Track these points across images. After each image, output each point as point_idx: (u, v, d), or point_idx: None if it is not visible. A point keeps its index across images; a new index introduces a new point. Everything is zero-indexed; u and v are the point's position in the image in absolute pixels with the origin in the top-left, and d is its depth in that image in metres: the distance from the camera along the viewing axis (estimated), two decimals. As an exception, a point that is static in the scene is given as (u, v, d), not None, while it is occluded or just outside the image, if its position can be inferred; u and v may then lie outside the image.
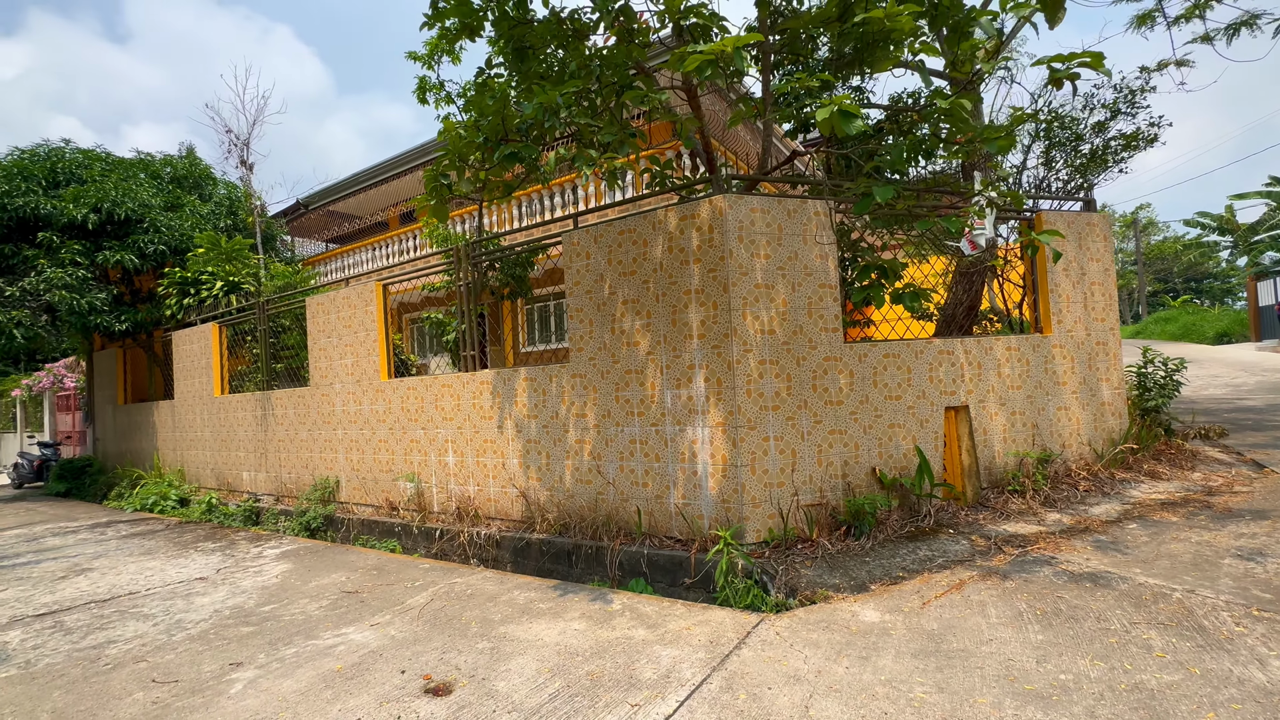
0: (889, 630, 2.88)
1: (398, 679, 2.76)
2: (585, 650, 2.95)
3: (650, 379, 4.65)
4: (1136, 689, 2.22)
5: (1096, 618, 2.80)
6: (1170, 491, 4.73)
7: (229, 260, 8.69)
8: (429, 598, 3.90)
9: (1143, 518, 4.23)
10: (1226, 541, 3.63)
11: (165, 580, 4.65)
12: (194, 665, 3.05)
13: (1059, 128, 6.26)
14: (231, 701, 2.65)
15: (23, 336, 9.25)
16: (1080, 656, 2.48)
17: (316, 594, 4.11)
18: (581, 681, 2.63)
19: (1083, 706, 2.14)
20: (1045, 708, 2.16)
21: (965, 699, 2.26)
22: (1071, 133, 6.24)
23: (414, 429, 6.19)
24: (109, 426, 11.54)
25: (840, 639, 2.84)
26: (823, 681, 2.46)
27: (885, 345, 4.79)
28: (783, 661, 2.67)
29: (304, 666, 2.95)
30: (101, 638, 3.50)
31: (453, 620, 3.47)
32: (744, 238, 4.35)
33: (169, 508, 8.34)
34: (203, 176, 11.79)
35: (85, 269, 9.46)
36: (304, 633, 3.40)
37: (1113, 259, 5.83)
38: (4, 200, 9.31)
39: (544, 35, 3.73)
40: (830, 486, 4.49)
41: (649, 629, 3.18)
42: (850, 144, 4.95)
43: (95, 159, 10.57)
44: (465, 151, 3.72)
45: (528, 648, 3.02)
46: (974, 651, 2.60)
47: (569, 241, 5.08)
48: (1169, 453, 5.61)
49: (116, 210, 9.54)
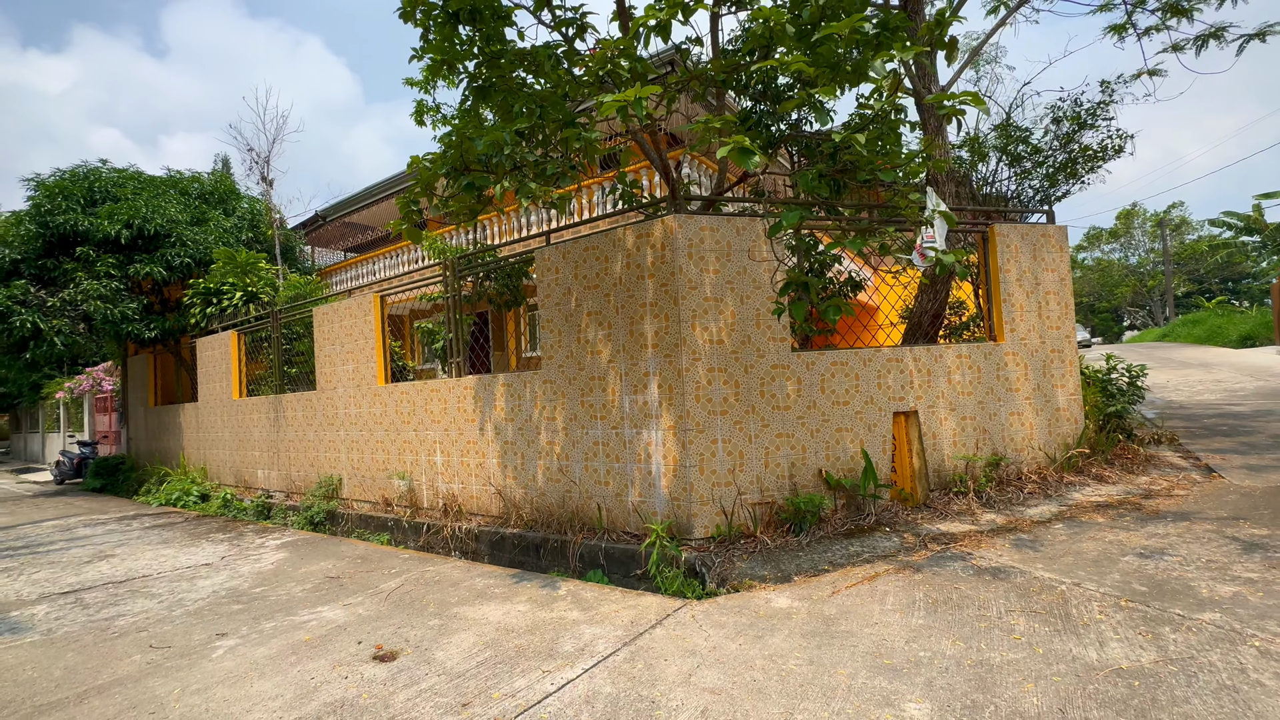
0: (791, 614, 3.19)
1: (354, 648, 3.17)
2: (521, 628, 3.32)
3: (611, 385, 5.01)
4: (980, 664, 2.51)
5: (979, 606, 3.07)
6: (1110, 494, 4.92)
7: (244, 273, 9.31)
8: (400, 583, 4.32)
9: (1072, 519, 4.44)
10: (1137, 541, 3.84)
11: (175, 566, 5.17)
12: (186, 635, 3.52)
13: (1019, 143, 6.45)
14: (211, 663, 3.10)
15: (62, 343, 10.03)
16: (946, 638, 2.76)
17: (303, 579, 4.57)
18: (508, 652, 3.01)
19: (925, 678, 2.44)
20: (892, 678, 2.46)
21: (828, 670, 2.56)
22: (1030, 146, 6.42)
23: (407, 431, 6.65)
24: (140, 427, 12.33)
25: (745, 621, 3.16)
26: (714, 655, 2.79)
27: (834, 354, 5.08)
28: (687, 639, 3.00)
29: (278, 637, 3.39)
30: (113, 612, 4.00)
31: (415, 602, 3.88)
32: (693, 254, 4.69)
33: (190, 503, 8.98)
34: (228, 192, 12.55)
35: (118, 281, 10.22)
36: (284, 610, 3.85)
37: (1069, 269, 6.01)
38: (46, 218, 10.13)
39: (506, 72, 4.13)
40: (777, 486, 4.79)
41: (583, 611, 3.54)
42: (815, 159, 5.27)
43: (128, 178, 11.37)
44: (431, 181, 4.14)
45: (472, 625, 3.41)
46: (856, 633, 2.90)
47: (541, 257, 5.48)
48: (1124, 457, 5.76)
49: (146, 226, 10.28)
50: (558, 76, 3.66)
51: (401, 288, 7.29)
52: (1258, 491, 4.68)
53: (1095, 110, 6.49)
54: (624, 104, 2.83)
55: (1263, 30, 6.83)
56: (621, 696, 2.49)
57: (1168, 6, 6.70)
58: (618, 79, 3.38)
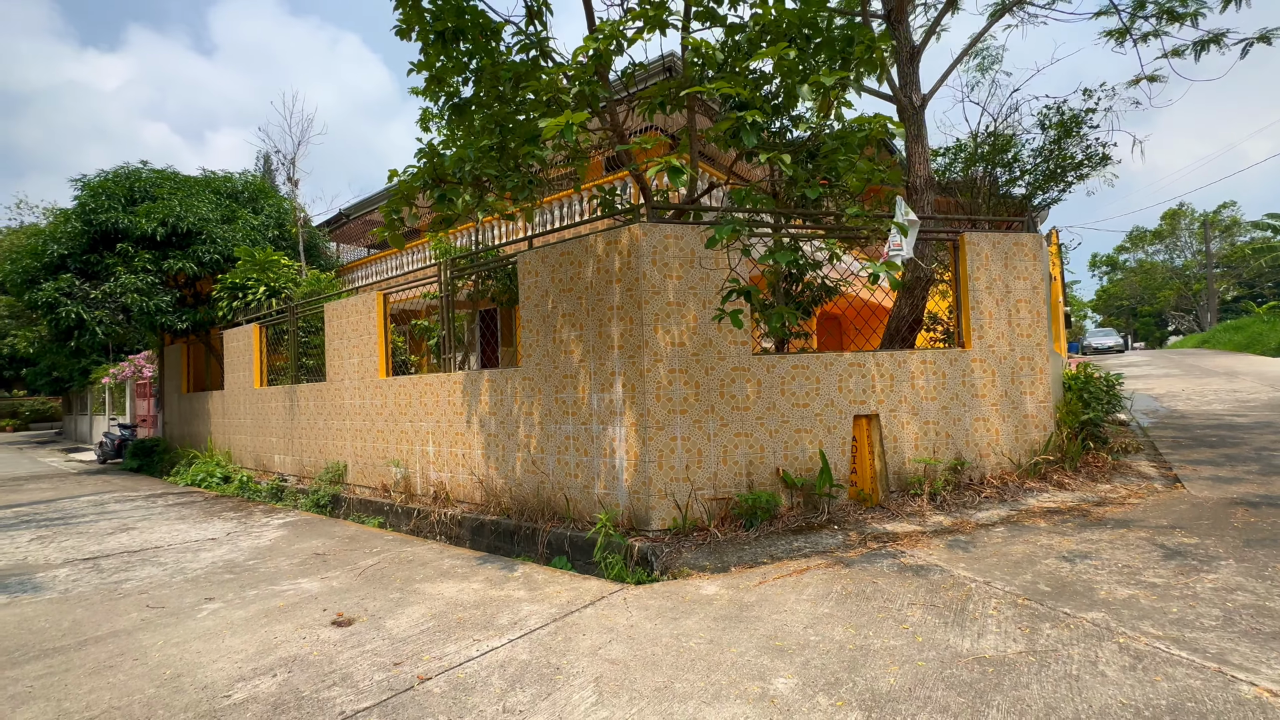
0: (713, 600, 3.45)
1: (318, 614, 3.55)
2: (469, 603, 3.66)
3: (582, 384, 5.31)
4: (859, 649, 2.73)
5: (886, 599, 3.28)
6: (1064, 501, 5.01)
7: (263, 269, 9.90)
8: (377, 561, 4.71)
9: (1016, 523, 4.57)
10: (1067, 545, 3.96)
11: (185, 539, 5.67)
12: (179, 598, 3.95)
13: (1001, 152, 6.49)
14: (195, 622, 3.51)
15: (103, 333, 10.81)
16: (841, 626, 2.98)
17: (293, 555, 5.00)
18: (450, 623, 3.34)
19: (804, 658, 2.67)
20: (775, 657, 2.70)
21: (722, 648, 2.82)
22: (1010, 155, 6.47)
23: (404, 422, 7.08)
24: (174, 412, 13.15)
25: (669, 605, 3.43)
26: (628, 632, 3.07)
27: (795, 357, 5.27)
28: (610, 618, 3.29)
29: (257, 603, 3.79)
30: (122, 577, 4.49)
31: (384, 578, 4.25)
32: (657, 261, 4.94)
33: (213, 483, 9.63)
34: (257, 191, 13.25)
35: (154, 275, 10.96)
36: (269, 581, 4.27)
37: (1042, 278, 6.05)
38: (91, 216, 10.91)
39: (485, 89, 4.45)
40: (734, 483, 5.03)
41: (529, 591, 3.86)
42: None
43: (166, 178, 12.12)
44: (410, 193, 4.50)
45: (427, 599, 3.75)
46: (764, 618, 3.14)
47: (523, 260, 5.80)
48: (1093, 465, 5.81)
49: (180, 224, 10.98)
50: (519, 96, 3.96)
51: (402, 286, 7.72)
52: (1210, 502, 4.72)
53: (1079, 119, 6.49)
54: (561, 125, 3.11)
55: (1266, 34, 6.73)
56: (532, 663, 2.79)
57: (1164, 12, 6.65)
58: (562, 103, 3.65)
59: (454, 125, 4.59)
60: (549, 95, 3.58)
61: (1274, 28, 6.66)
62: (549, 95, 3.58)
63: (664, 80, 3.66)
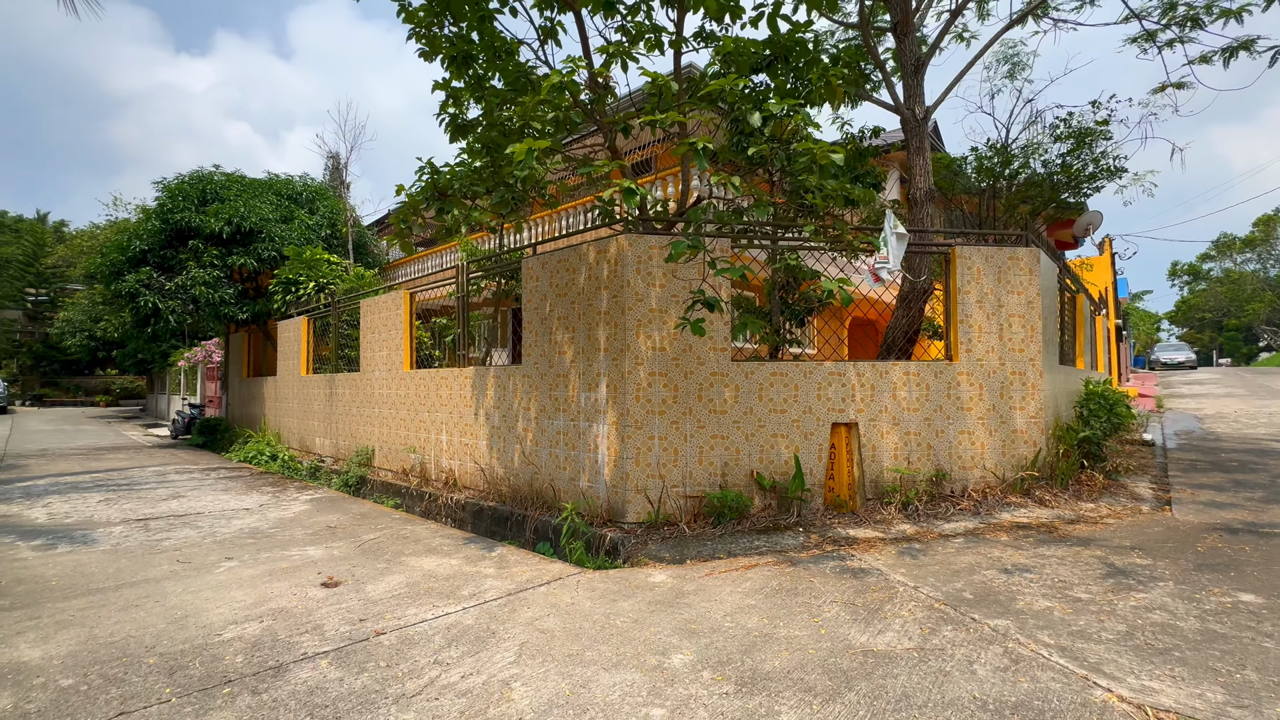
0: (656, 587, 3.75)
1: (313, 576, 4.06)
2: (443, 575, 4.09)
3: (572, 383, 5.69)
4: (763, 635, 2.98)
5: (813, 595, 3.49)
6: (1038, 517, 5.02)
7: (309, 268, 10.76)
8: (377, 536, 5.24)
9: (979, 535, 4.65)
10: (1015, 559, 4.04)
11: (224, 508, 6.40)
12: (205, 556, 4.57)
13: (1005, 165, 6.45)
14: (212, 576, 4.09)
15: (175, 321, 12.00)
16: (758, 616, 3.23)
17: (310, 526, 5.60)
18: (419, 591, 3.77)
19: (709, 640, 2.95)
20: (684, 637, 2.99)
21: (643, 628, 3.12)
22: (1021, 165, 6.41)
23: (422, 412, 7.65)
24: (235, 394, 14.38)
25: (615, 588, 3.75)
26: (567, 609, 3.42)
27: (774, 365, 5.48)
28: (557, 596, 3.64)
29: (266, 564, 4.35)
30: (163, 536, 5.17)
31: (378, 550, 4.75)
32: (641, 270, 5.25)
33: (261, 461, 10.56)
34: (315, 193, 14.30)
35: (220, 270, 12.06)
36: (282, 546, 4.84)
37: (1039, 293, 6.00)
38: (168, 215, 12.12)
39: (489, 108, 4.89)
40: (709, 483, 5.29)
41: (498, 569, 4.26)
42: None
43: (233, 181, 13.28)
44: (417, 206, 4.98)
45: (407, 570, 4.21)
46: (692, 605, 3.43)
47: (526, 265, 6.22)
48: (1084, 484, 5.73)
49: (244, 223, 12.05)
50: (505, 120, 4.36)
51: (426, 286, 8.31)
52: (1188, 526, 4.65)
53: (1091, 131, 6.38)
54: (523, 153, 3.49)
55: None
56: (474, 627, 3.18)
57: (1189, 19, 6.44)
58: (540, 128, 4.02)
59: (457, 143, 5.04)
60: (521, 124, 3.96)
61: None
62: (521, 124, 3.96)
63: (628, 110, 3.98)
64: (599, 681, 2.58)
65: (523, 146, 3.42)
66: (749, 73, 5.28)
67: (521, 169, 3.58)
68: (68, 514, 6.14)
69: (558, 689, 2.52)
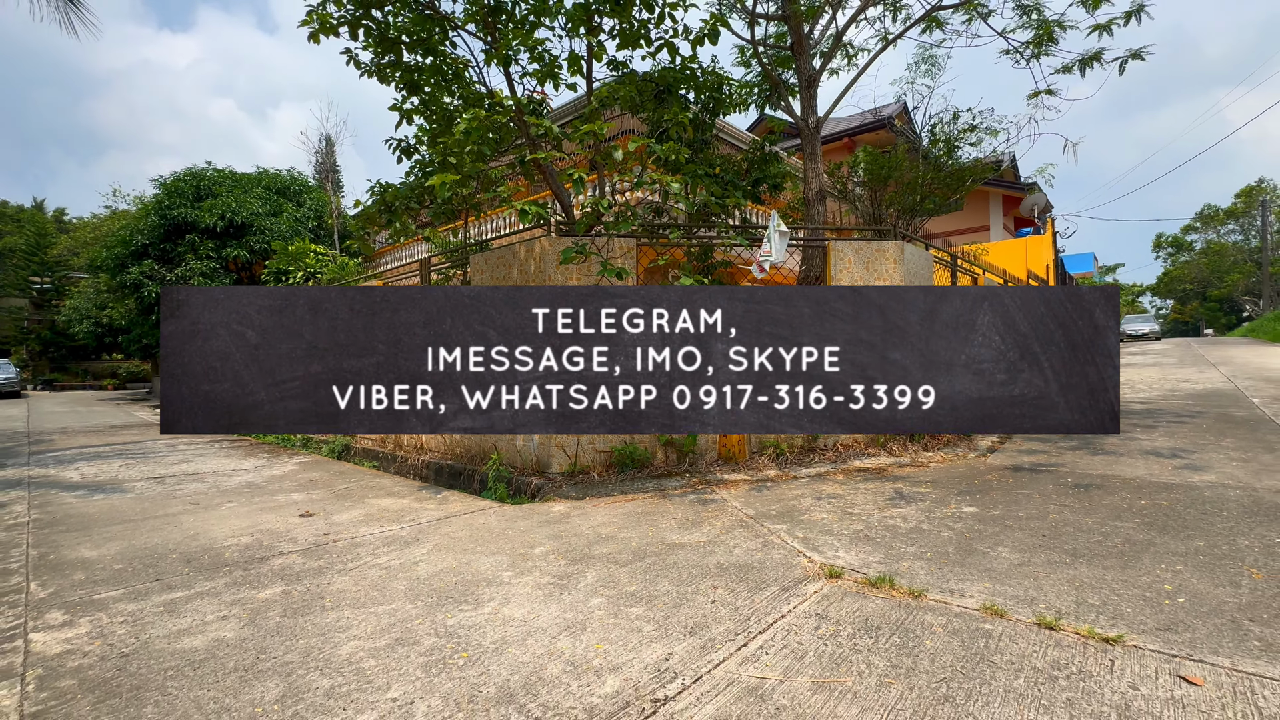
0: (551, 513, 4.96)
1: (293, 511, 5.29)
2: (393, 510, 5.31)
3: (509, 360, 6.84)
4: (606, 537, 4.18)
5: (662, 515, 4.70)
6: (881, 463, 6.21)
7: (295, 260, 11.88)
8: (350, 486, 6.47)
9: (823, 477, 5.84)
10: (831, 490, 5.24)
11: (226, 469, 7.63)
12: (211, 500, 5.80)
13: (885, 167, 7.52)
14: (214, 512, 5.32)
15: (177, 309, 13.13)
16: (613, 527, 4.43)
17: (296, 480, 6.83)
18: (373, 518, 4.99)
19: (566, 541, 4.15)
20: (550, 540, 4.19)
21: (526, 535, 4.33)
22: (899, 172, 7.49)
23: (394, 387, 8.83)
24: (235, 375, 15.59)
25: (520, 514, 4.96)
26: (478, 526, 4.63)
27: (673, 343, 6.63)
28: (475, 520, 4.86)
29: (258, 505, 5.58)
30: (176, 487, 6.41)
31: (348, 495, 5.98)
32: (560, 265, 6.38)
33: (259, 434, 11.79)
34: (302, 186, 15.32)
35: (215, 261, 13.17)
36: (271, 494, 6.07)
37: (902, 278, 7.11)
38: (165, 211, 13.19)
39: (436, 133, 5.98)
40: (621, 440, 6.48)
41: (439, 505, 5.48)
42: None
43: (225, 177, 14.31)
44: (373, 215, 6.10)
45: (367, 506, 5.44)
46: (570, 522, 4.63)
47: (473, 260, 7.35)
48: (938, 439, 6.92)
49: (235, 218, 13.12)
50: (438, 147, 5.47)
51: (399, 276, 9.43)
52: (986, 467, 5.84)
53: (960, 135, 7.42)
54: (438, 183, 4.60)
55: (1138, 51, 7.42)
56: (404, 536, 4.39)
57: (1038, 39, 7.44)
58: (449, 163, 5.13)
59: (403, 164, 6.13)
60: (441, 157, 5.06)
61: (1149, 45, 7.34)
62: (441, 157, 5.06)
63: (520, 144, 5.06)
64: (479, 561, 3.79)
65: (438, 179, 4.53)
66: (652, 98, 6.36)
67: (442, 192, 4.68)
68: (96, 474, 7.39)
69: (448, 564, 3.74)
